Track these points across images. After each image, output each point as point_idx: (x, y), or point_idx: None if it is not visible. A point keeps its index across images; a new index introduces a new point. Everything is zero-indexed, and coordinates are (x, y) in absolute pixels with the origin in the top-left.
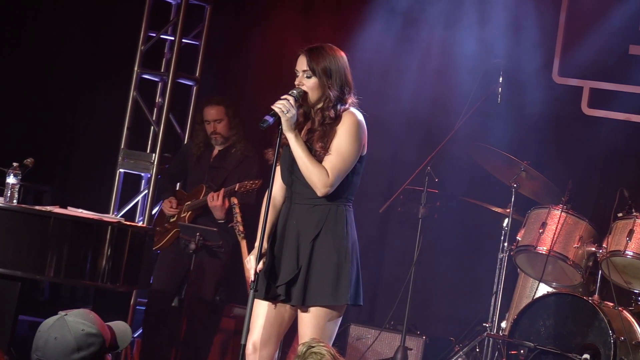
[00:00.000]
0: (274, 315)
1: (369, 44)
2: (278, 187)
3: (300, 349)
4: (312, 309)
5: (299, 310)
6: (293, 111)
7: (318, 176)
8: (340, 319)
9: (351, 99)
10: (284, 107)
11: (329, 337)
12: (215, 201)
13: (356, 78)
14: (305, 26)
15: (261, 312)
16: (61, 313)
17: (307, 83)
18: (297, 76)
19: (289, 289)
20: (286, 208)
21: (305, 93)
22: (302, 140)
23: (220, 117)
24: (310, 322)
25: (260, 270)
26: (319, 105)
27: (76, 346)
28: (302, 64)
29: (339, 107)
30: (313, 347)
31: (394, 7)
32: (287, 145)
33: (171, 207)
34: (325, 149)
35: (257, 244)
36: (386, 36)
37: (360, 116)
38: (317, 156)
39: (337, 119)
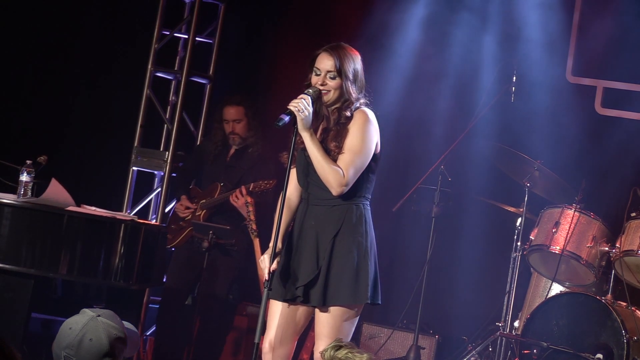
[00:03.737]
0: (290, 314)
1: (384, 42)
2: (293, 188)
3: (329, 353)
4: (331, 309)
5: (316, 310)
6: (309, 109)
7: (333, 175)
8: (357, 318)
9: (363, 99)
10: (299, 106)
11: (346, 336)
12: (237, 200)
13: (369, 77)
14: (321, 24)
15: (277, 310)
16: (89, 312)
17: (331, 83)
18: (317, 75)
19: (308, 289)
20: (303, 209)
21: (320, 92)
22: (317, 139)
23: (239, 118)
24: (328, 322)
25: (274, 270)
26: (337, 105)
27: (109, 351)
28: (326, 63)
29: (354, 106)
30: (340, 347)
31: (409, 3)
32: (303, 148)
33: (185, 209)
34: (339, 148)
35: (271, 244)
36: (400, 34)
37: (371, 114)
38: (332, 155)
39: (351, 117)
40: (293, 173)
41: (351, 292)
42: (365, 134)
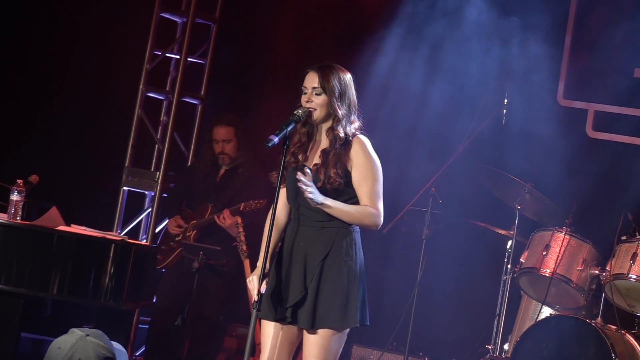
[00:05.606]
0: (283, 334)
1: (374, 63)
2: (282, 206)
3: None
4: (320, 330)
5: (304, 331)
6: (311, 183)
7: (369, 219)
8: (345, 339)
9: (357, 122)
10: (304, 185)
11: (334, 356)
12: (224, 222)
13: (360, 99)
14: (312, 45)
15: (270, 331)
16: (77, 331)
17: (317, 100)
18: (305, 93)
19: (297, 310)
20: (293, 229)
21: (311, 112)
22: (335, 202)
23: (229, 138)
24: (317, 343)
25: (263, 291)
26: (327, 125)
27: None
28: (312, 81)
29: (347, 128)
30: None
31: (399, 27)
32: (294, 168)
33: (176, 226)
34: (340, 176)
35: (259, 263)
36: (391, 56)
37: (368, 142)
38: (332, 181)
39: (348, 144)
40: (282, 192)
41: (341, 315)
42: (374, 160)
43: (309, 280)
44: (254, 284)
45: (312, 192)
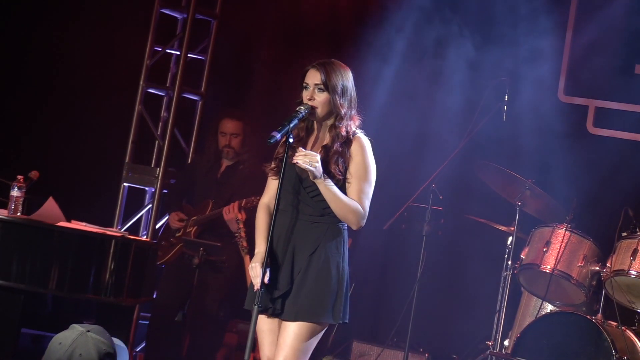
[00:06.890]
0: (278, 328)
1: (375, 61)
2: (272, 197)
3: None
4: (303, 323)
5: (285, 322)
6: (317, 159)
7: (354, 214)
8: (322, 334)
9: (357, 119)
10: (306, 160)
11: (310, 350)
12: (228, 214)
13: (360, 96)
14: (315, 41)
15: (265, 327)
16: (78, 327)
17: (319, 97)
18: (306, 90)
19: (283, 302)
20: (284, 222)
21: (313, 109)
22: (330, 183)
23: (237, 132)
24: (297, 334)
25: (265, 282)
26: (329, 122)
27: None
28: (314, 77)
29: (349, 125)
30: None
31: (401, 24)
32: (291, 162)
33: (178, 220)
34: (340, 173)
35: (258, 250)
36: (392, 54)
37: (367, 143)
38: (333, 177)
39: (349, 141)
40: (273, 182)
41: (329, 311)
42: (371, 162)
43: (296, 273)
44: (257, 271)
45: (316, 167)
